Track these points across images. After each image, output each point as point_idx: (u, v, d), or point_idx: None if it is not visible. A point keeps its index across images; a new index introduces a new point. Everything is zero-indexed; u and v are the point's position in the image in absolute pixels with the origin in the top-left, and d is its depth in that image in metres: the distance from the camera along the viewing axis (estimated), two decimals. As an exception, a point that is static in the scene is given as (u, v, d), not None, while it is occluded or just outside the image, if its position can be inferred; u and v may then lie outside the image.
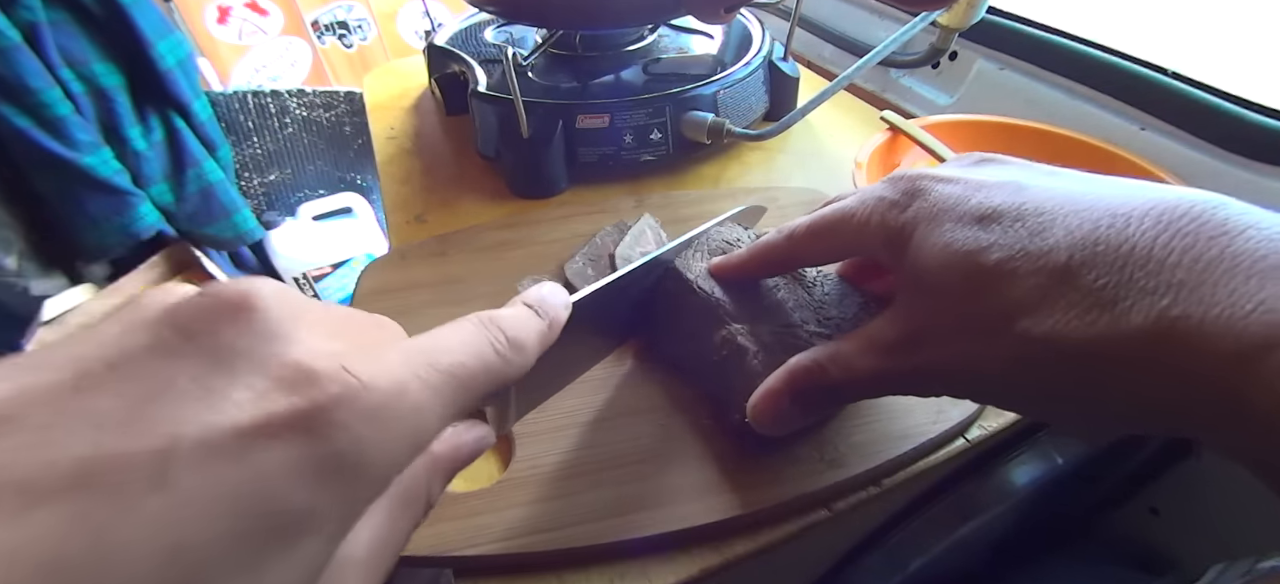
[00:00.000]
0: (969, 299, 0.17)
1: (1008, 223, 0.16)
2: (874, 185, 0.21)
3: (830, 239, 0.22)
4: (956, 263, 0.17)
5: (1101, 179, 0.17)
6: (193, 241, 0.99)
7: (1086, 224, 0.15)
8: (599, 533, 0.24)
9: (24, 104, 0.77)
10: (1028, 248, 0.16)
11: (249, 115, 1.07)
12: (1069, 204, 0.16)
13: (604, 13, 0.44)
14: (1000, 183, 0.18)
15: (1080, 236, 0.15)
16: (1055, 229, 0.16)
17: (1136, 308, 0.14)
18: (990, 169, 0.19)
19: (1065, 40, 0.46)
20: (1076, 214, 0.16)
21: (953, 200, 0.18)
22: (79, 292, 0.90)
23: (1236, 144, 0.37)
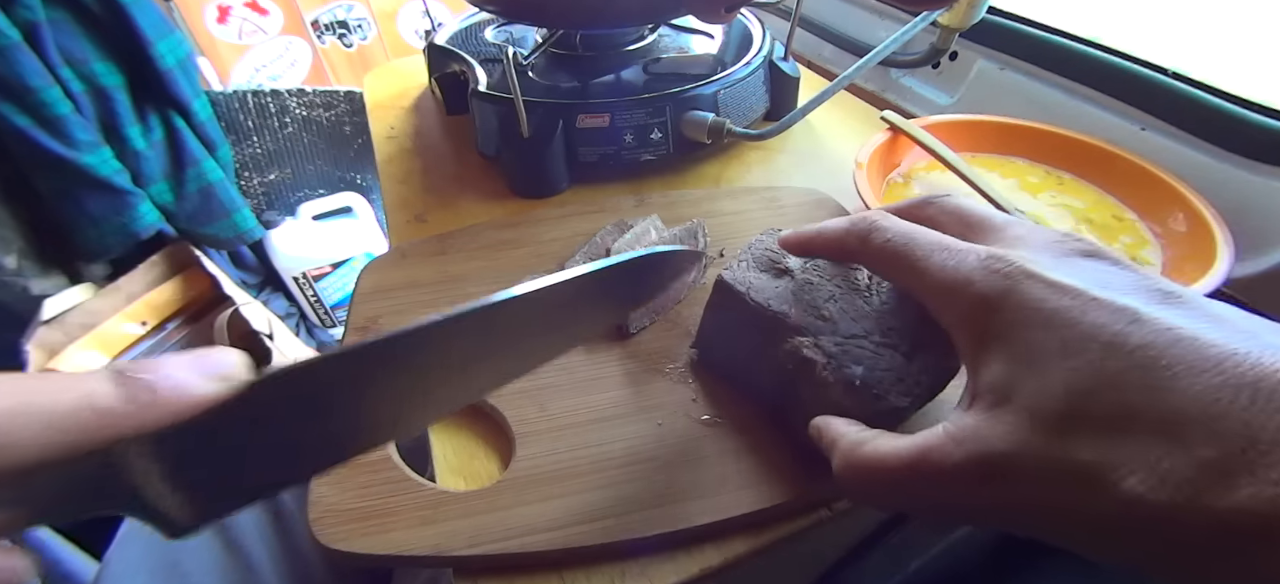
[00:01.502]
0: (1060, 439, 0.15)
1: (1117, 372, 0.14)
2: (968, 253, 0.18)
3: (902, 274, 0.20)
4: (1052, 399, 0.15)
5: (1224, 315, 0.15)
6: (192, 241, 0.99)
7: (1209, 386, 0.13)
8: (599, 533, 0.24)
9: (24, 103, 0.77)
10: (1144, 407, 0.14)
11: (249, 115, 1.07)
12: (1184, 360, 0.14)
13: (604, 12, 0.44)
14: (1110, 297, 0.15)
15: (1204, 406, 0.13)
16: (1173, 391, 0.14)
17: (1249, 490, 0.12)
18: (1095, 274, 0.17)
19: (1065, 40, 0.46)
20: (1195, 374, 0.14)
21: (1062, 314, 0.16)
22: (79, 291, 0.90)
23: (1236, 144, 0.37)
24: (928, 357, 0.24)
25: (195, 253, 0.98)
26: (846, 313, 0.25)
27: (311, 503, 0.25)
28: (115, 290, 0.91)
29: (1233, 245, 0.32)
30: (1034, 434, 0.15)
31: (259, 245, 1.13)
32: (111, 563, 0.35)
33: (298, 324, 1.19)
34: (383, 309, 0.34)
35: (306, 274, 1.15)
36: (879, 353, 0.25)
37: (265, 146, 1.11)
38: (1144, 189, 0.38)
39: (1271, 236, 0.36)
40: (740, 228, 0.39)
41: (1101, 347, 0.15)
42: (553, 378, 0.30)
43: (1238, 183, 0.37)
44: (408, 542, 0.24)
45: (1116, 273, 0.17)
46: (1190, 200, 0.35)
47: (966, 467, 0.16)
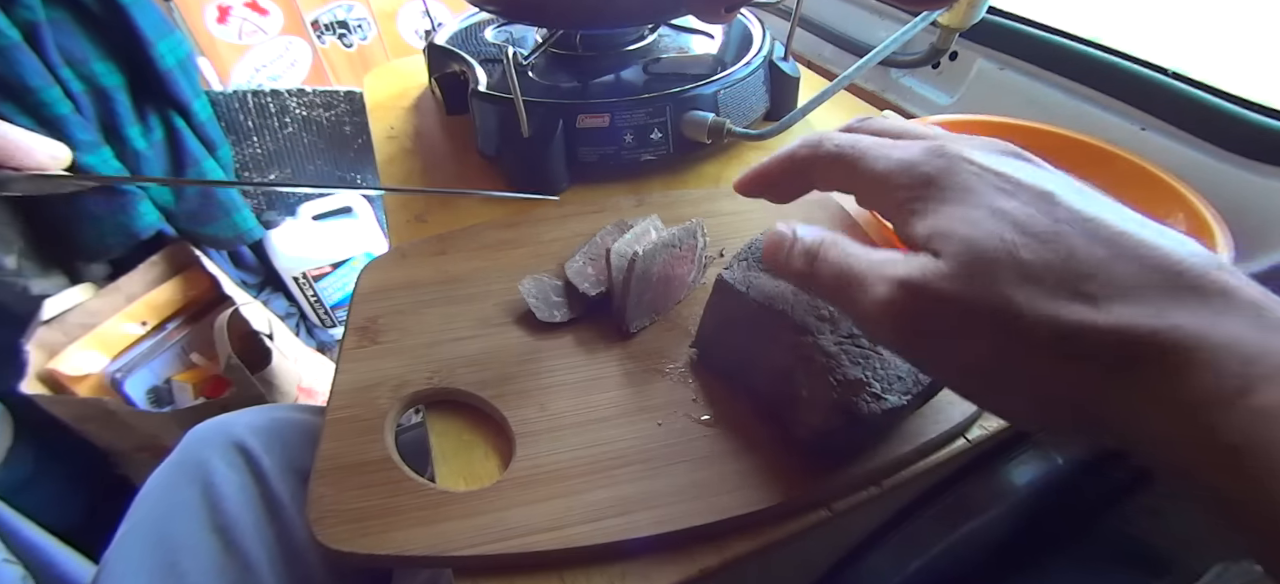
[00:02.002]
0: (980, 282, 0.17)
1: (1038, 223, 0.17)
2: (911, 145, 0.20)
3: (849, 175, 0.21)
4: (978, 248, 0.17)
5: (1125, 212, 0.18)
6: (192, 241, 0.99)
7: (1110, 239, 0.17)
8: (599, 533, 0.24)
9: (24, 103, 0.77)
10: (1049, 247, 0.17)
11: (249, 115, 1.07)
12: (1095, 221, 0.17)
13: (604, 12, 0.44)
14: (1030, 177, 0.19)
15: (1103, 249, 0.16)
16: (1075, 235, 0.17)
17: (1144, 312, 0.15)
18: (1021, 169, 0.19)
19: (1065, 40, 0.46)
20: (1102, 228, 0.17)
21: (985, 183, 0.18)
22: (79, 291, 0.89)
23: (1236, 144, 0.37)
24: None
25: (195, 253, 0.98)
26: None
27: (311, 503, 0.25)
28: (115, 290, 0.91)
29: (1233, 245, 0.32)
30: (964, 273, 0.18)
31: (259, 245, 1.13)
32: (109, 564, 0.35)
33: (298, 324, 1.19)
34: (383, 309, 0.34)
35: (306, 274, 1.15)
36: (878, 352, 0.25)
37: (265, 146, 1.11)
38: (1144, 189, 0.38)
39: (1271, 237, 0.36)
40: (740, 228, 0.39)
41: (1025, 215, 0.18)
42: (553, 378, 0.30)
43: (1238, 183, 0.37)
44: (408, 542, 0.24)
45: (1036, 169, 0.20)
46: (1190, 200, 0.35)
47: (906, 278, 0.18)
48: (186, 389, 0.93)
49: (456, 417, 0.30)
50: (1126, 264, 0.16)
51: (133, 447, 0.87)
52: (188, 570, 0.34)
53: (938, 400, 0.28)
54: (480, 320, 0.33)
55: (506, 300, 0.34)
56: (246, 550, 0.36)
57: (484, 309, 0.34)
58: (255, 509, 0.37)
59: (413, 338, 0.32)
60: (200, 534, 0.36)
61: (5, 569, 0.65)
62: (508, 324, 0.33)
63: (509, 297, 0.34)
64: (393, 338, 0.32)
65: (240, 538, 0.36)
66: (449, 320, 0.33)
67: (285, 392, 0.90)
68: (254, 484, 0.38)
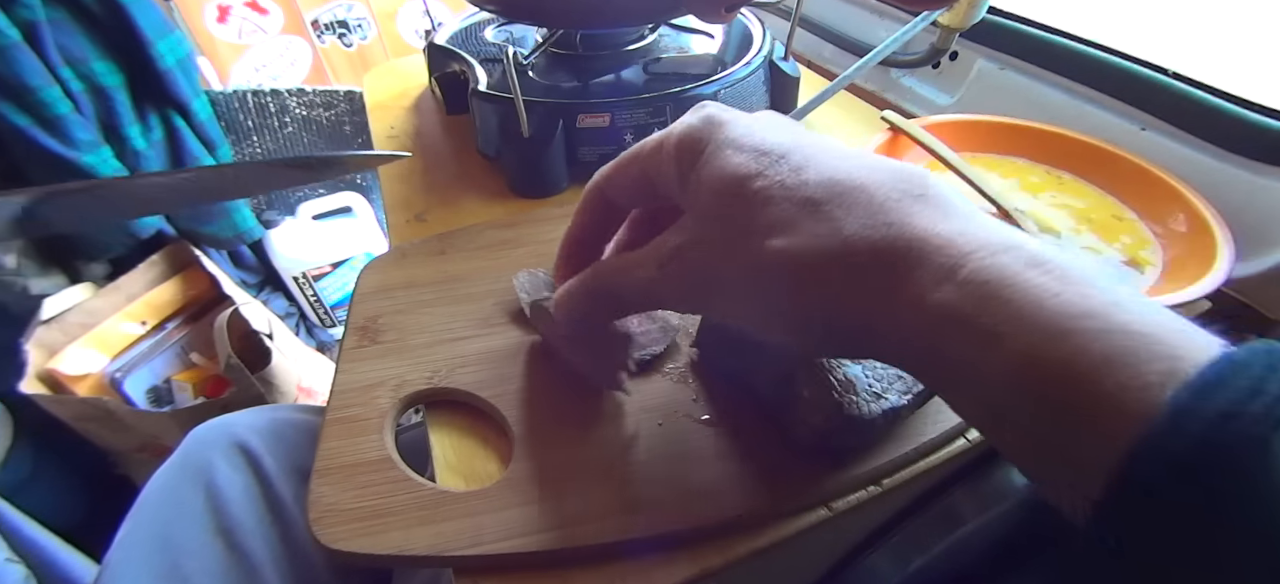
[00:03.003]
0: (732, 215, 0.19)
1: (775, 157, 0.19)
2: (672, 126, 0.22)
3: (632, 164, 0.23)
4: (728, 184, 0.19)
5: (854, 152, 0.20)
6: (192, 240, 0.99)
7: (836, 172, 0.18)
8: (599, 533, 0.24)
9: (23, 102, 0.77)
10: (786, 180, 0.18)
11: (249, 114, 1.07)
12: (825, 156, 0.19)
13: (604, 12, 0.44)
14: (777, 127, 0.20)
15: (828, 178, 0.18)
16: (809, 170, 0.18)
17: (860, 226, 0.17)
18: (774, 120, 0.22)
19: (1066, 40, 0.46)
20: (829, 163, 0.19)
21: (738, 134, 0.20)
22: (78, 290, 0.89)
23: (1236, 144, 0.37)
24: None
25: (195, 252, 0.98)
26: None
27: (311, 503, 0.25)
28: (115, 290, 0.91)
29: (1233, 245, 0.32)
30: (710, 216, 0.20)
31: (259, 245, 1.13)
32: (112, 565, 0.35)
33: (298, 324, 1.20)
34: (383, 309, 0.34)
35: (306, 274, 1.15)
36: None
37: (265, 146, 1.11)
38: (1144, 189, 0.38)
39: (1271, 236, 0.36)
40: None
41: (766, 144, 0.19)
42: (553, 378, 0.30)
43: (1238, 183, 0.37)
44: (408, 542, 0.24)
45: (794, 123, 0.22)
46: (1190, 200, 0.35)
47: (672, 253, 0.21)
48: (186, 389, 0.93)
49: (456, 417, 0.30)
50: (857, 179, 0.18)
51: (132, 446, 0.87)
52: (191, 571, 0.34)
53: (938, 400, 0.28)
54: (480, 320, 0.33)
55: (506, 300, 0.34)
56: (249, 551, 0.36)
57: (484, 309, 0.34)
58: (257, 509, 0.37)
59: (413, 338, 0.32)
60: (203, 535, 0.36)
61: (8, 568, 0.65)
62: (508, 324, 0.33)
63: (509, 296, 0.34)
64: (393, 338, 0.32)
65: (243, 538, 0.36)
66: (449, 320, 0.33)
67: (285, 392, 0.90)
68: (256, 484, 0.38)
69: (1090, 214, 0.38)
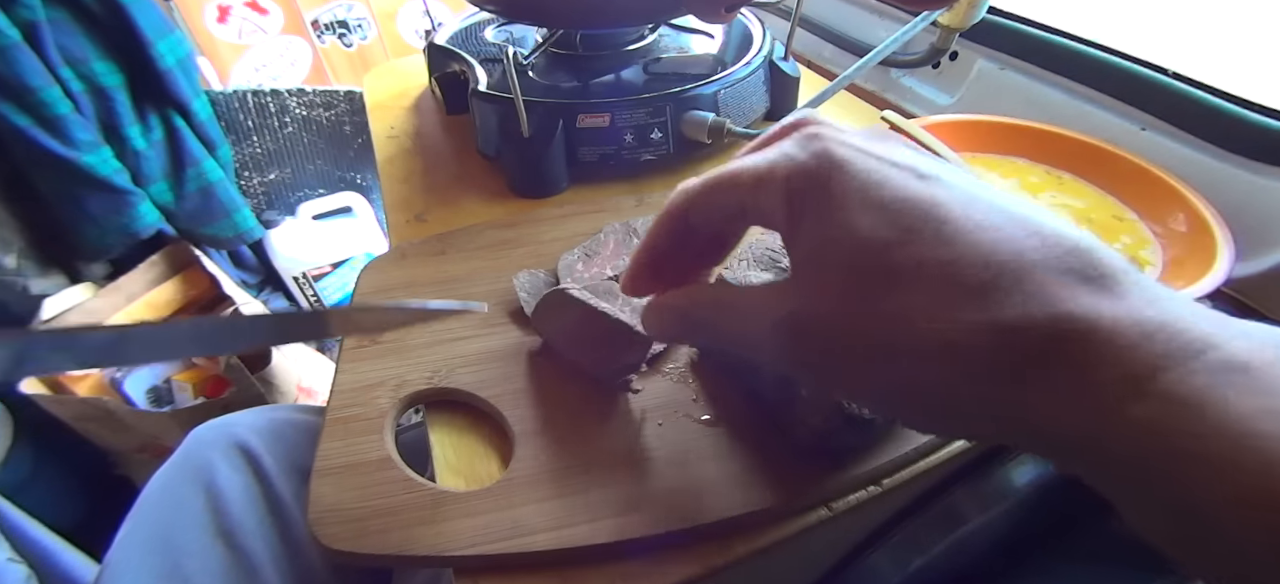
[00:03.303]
0: (862, 291, 0.16)
1: (914, 221, 0.16)
2: (780, 143, 0.19)
3: (727, 192, 0.20)
4: (858, 256, 0.16)
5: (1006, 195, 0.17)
6: (192, 241, 0.99)
7: (988, 242, 0.15)
8: (599, 533, 0.24)
9: (24, 103, 0.77)
10: (929, 255, 0.16)
11: (249, 114, 1.07)
12: (971, 215, 0.16)
13: (604, 12, 0.44)
14: (906, 170, 0.17)
15: (979, 250, 0.15)
16: (957, 240, 0.16)
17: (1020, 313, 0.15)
18: (899, 155, 0.18)
19: (1066, 40, 0.46)
20: (978, 230, 0.16)
21: (863, 182, 0.17)
22: (78, 291, 0.90)
23: (1236, 144, 0.37)
24: None
25: (195, 253, 0.98)
26: None
27: (311, 503, 0.25)
28: (115, 290, 0.91)
29: (1233, 245, 0.32)
30: (841, 287, 0.17)
31: (259, 245, 1.13)
32: (112, 565, 0.35)
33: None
34: (383, 309, 0.34)
35: (306, 274, 1.15)
36: None
37: (265, 146, 1.11)
38: (1144, 189, 0.38)
39: (1271, 236, 0.36)
40: (740, 228, 0.39)
41: (903, 202, 0.16)
42: (553, 377, 0.30)
43: (1238, 183, 0.37)
44: (408, 542, 0.24)
45: (907, 148, 0.19)
46: (1190, 200, 0.35)
47: (775, 326, 0.18)
48: (186, 389, 0.93)
49: (456, 417, 0.30)
50: (1011, 248, 0.15)
51: (132, 446, 0.87)
52: (191, 571, 0.34)
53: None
54: (480, 320, 0.33)
55: (507, 300, 0.34)
56: (249, 551, 0.36)
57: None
58: (258, 510, 0.37)
59: (413, 338, 0.32)
60: (203, 535, 0.36)
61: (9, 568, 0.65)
62: (508, 324, 0.33)
63: (509, 296, 0.34)
64: (393, 338, 0.32)
65: (243, 539, 0.36)
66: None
67: (285, 392, 0.91)
68: (256, 485, 0.38)
69: (1090, 214, 0.38)
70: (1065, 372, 0.14)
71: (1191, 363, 0.13)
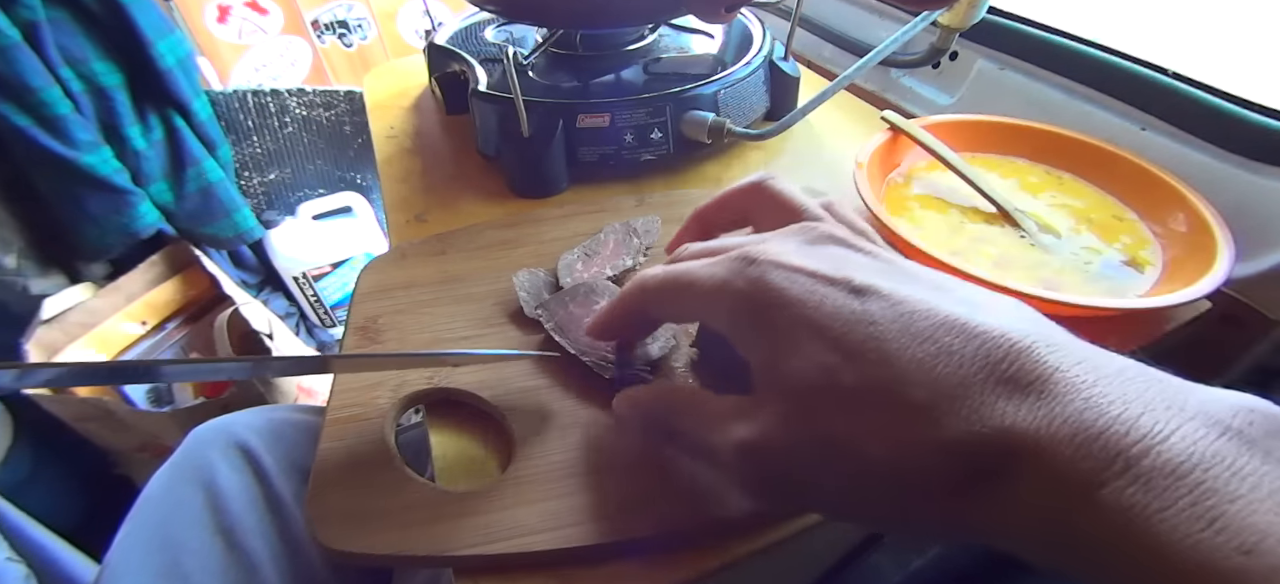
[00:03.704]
0: (814, 426, 0.17)
1: (855, 345, 0.16)
2: (721, 261, 0.20)
3: (679, 303, 0.21)
4: (805, 392, 0.17)
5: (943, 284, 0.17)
6: (192, 240, 0.99)
7: (922, 358, 0.16)
8: (599, 533, 0.24)
9: (24, 103, 0.77)
10: (872, 378, 0.16)
11: (249, 114, 1.07)
12: (907, 327, 0.16)
13: (604, 12, 0.44)
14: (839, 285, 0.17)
15: (915, 367, 0.15)
16: (893, 359, 0.16)
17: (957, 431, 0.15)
18: (832, 259, 0.19)
19: (1066, 40, 0.46)
20: (912, 345, 0.16)
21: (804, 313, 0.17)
22: (78, 290, 0.90)
23: (1236, 144, 0.37)
24: None
25: (195, 252, 0.98)
26: None
27: (311, 503, 0.25)
28: (115, 290, 0.91)
29: (1233, 245, 0.32)
30: (791, 417, 0.17)
31: (259, 245, 1.13)
32: (112, 565, 0.35)
33: (298, 324, 1.20)
34: (383, 309, 0.34)
35: (306, 274, 1.15)
36: None
37: (265, 146, 1.11)
38: (1144, 189, 0.38)
39: (1271, 236, 0.36)
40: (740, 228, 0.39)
41: (842, 324, 0.17)
42: (553, 378, 0.30)
43: (1238, 183, 0.37)
44: (408, 542, 0.24)
45: (851, 254, 0.19)
46: (1190, 200, 0.35)
47: (735, 449, 0.18)
48: (186, 389, 0.93)
49: (456, 417, 0.30)
50: (948, 363, 0.15)
51: (132, 446, 0.87)
52: (191, 571, 0.34)
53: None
54: (480, 320, 0.33)
55: (506, 300, 0.34)
56: (249, 551, 0.36)
57: (484, 309, 0.34)
58: (258, 509, 0.37)
59: (413, 338, 0.32)
60: (203, 535, 0.36)
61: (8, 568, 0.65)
62: (507, 324, 0.33)
63: (509, 297, 0.34)
64: (393, 338, 0.32)
65: (243, 538, 0.36)
66: (449, 320, 0.33)
67: (285, 392, 0.91)
68: (256, 484, 0.38)
69: (1090, 214, 0.38)
70: (1010, 486, 0.14)
71: (1126, 475, 0.13)
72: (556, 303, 0.32)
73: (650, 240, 0.36)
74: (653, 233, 0.37)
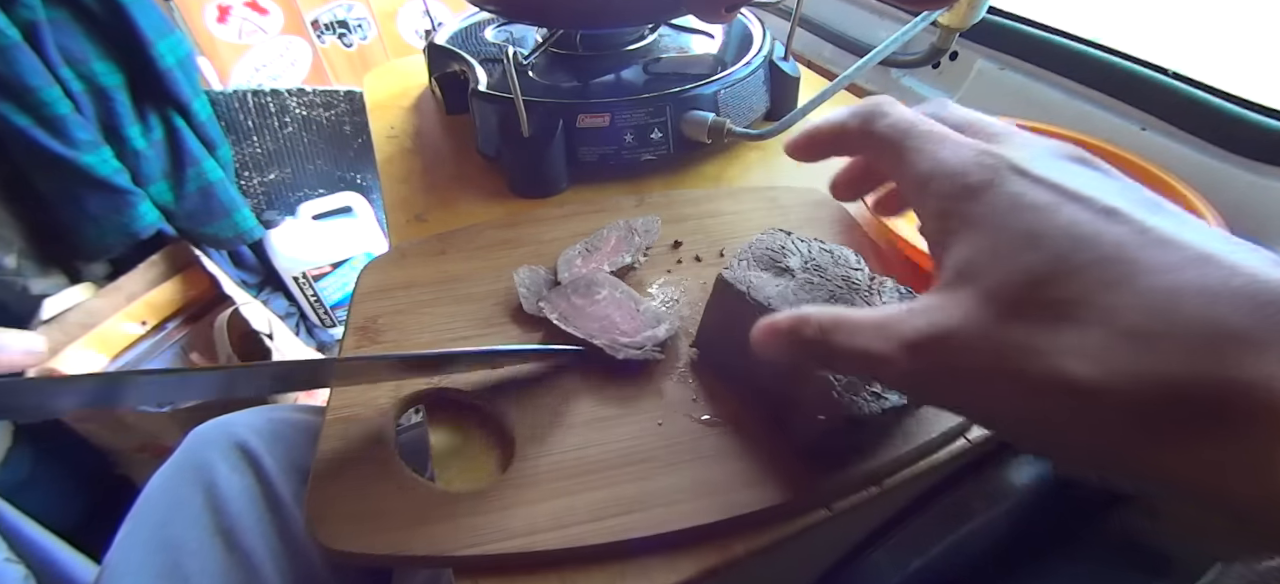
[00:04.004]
0: (1019, 322, 0.15)
1: (1084, 259, 0.15)
2: (962, 146, 0.18)
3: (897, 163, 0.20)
4: (1017, 286, 0.15)
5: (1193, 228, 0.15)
6: (192, 240, 0.99)
7: (1163, 294, 0.14)
8: (599, 533, 0.24)
9: (24, 103, 0.77)
10: (1096, 299, 0.14)
11: (249, 114, 1.07)
12: (1147, 260, 0.14)
13: (605, 12, 0.44)
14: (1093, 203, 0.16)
15: (1152, 303, 0.14)
16: (1126, 286, 0.14)
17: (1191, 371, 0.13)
18: (1081, 177, 0.17)
19: (1065, 40, 0.46)
20: (1154, 277, 0.14)
21: (1027, 215, 0.16)
22: (78, 290, 0.89)
23: (1236, 144, 0.37)
24: None
25: (195, 252, 0.98)
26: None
27: (311, 503, 0.25)
28: (115, 290, 0.91)
29: (1233, 245, 0.32)
30: (985, 313, 0.16)
31: (259, 245, 1.12)
32: (112, 565, 0.35)
33: (298, 324, 1.19)
34: (383, 309, 0.34)
35: (306, 274, 1.15)
36: None
37: (265, 146, 1.11)
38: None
39: (1272, 237, 0.36)
40: (740, 228, 0.39)
41: (1071, 239, 0.15)
42: (552, 377, 0.30)
43: (1238, 183, 0.37)
44: (408, 542, 0.24)
45: (1103, 179, 0.17)
46: (1190, 200, 0.35)
47: (914, 336, 0.17)
48: (186, 389, 0.93)
49: (456, 417, 0.30)
50: (1198, 301, 0.13)
51: (132, 447, 0.87)
52: (191, 571, 0.34)
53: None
54: (480, 320, 0.33)
55: (506, 300, 0.34)
56: (249, 551, 0.36)
57: (484, 309, 0.34)
58: (257, 509, 0.37)
59: (413, 338, 0.32)
60: (203, 535, 0.36)
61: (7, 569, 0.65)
62: (507, 324, 0.33)
63: (509, 296, 0.34)
64: (393, 338, 0.32)
65: (243, 538, 0.36)
66: (449, 320, 0.33)
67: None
68: (256, 484, 0.38)
69: (1090, 214, 0.38)
70: (1238, 442, 0.13)
71: None
72: (558, 295, 0.32)
73: (650, 239, 0.36)
74: (653, 232, 0.37)
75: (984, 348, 0.16)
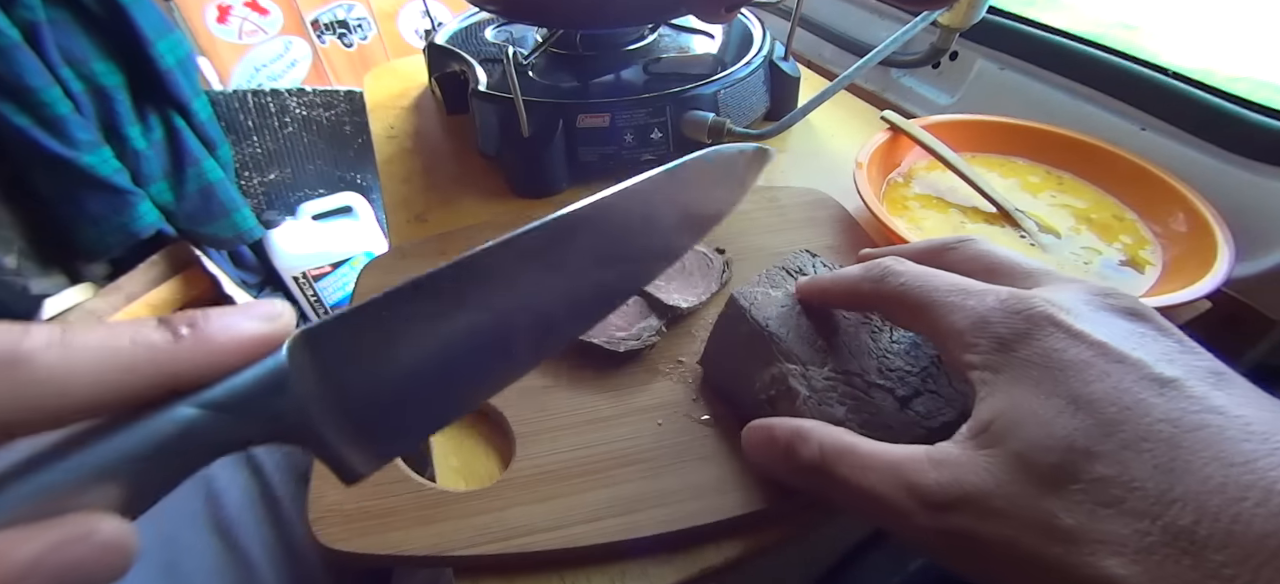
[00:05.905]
0: (1046, 495, 0.14)
1: (1130, 438, 0.13)
2: (987, 294, 0.17)
3: (917, 319, 0.19)
4: (1044, 461, 0.14)
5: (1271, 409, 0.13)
6: (192, 241, 0.99)
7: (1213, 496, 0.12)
8: (599, 533, 0.24)
9: (23, 103, 0.77)
10: (1140, 484, 0.13)
11: (249, 114, 1.07)
12: (1206, 446, 0.13)
13: (605, 12, 0.44)
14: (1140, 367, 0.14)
15: (1202, 503, 0.12)
16: (1185, 477, 0.12)
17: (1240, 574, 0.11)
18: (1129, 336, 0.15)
19: (1065, 40, 0.46)
20: (1225, 466, 0.12)
21: (1068, 377, 0.14)
22: (78, 291, 0.90)
23: (1236, 144, 0.37)
24: (927, 404, 0.23)
25: (195, 252, 0.98)
26: (847, 345, 0.24)
27: (311, 503, 0.25)
28: (115, 290, 0.91)
29: (1233, 245, 0.32)
30: (1016, 482, 0.14)
31: (259, 245, 1.12)
32: (111, 564, 0.35)
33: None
34: (383, 309, 0.34)
35: (306, 274, 1.15)
36: (869, 394, 0.23)
37: (265, 146, 1.11)
38: (1144, 189, 0.38)
39: (1271, 236, 0.36)
40: (740, 228, 0.39)
41: (1118, 409, 0.13)
42: (553, 378, 0.30)
43: (1238, 183, 0.37)
44: (408, 542, 0.24)
45: (1156, 338, 0.15)
46: (1190, 200, 0.35)
47: (935, 492, 0.15)
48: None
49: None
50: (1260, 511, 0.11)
51: (133, 446, 0.87)
52: (189, 570, 0.34)
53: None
54: (480, 320, 0.33)
55: (506, 300, 0.34)
56: (247, 550, 0.36)
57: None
58: (256, 509, 0.37)
59: (413, 338, 0.32)
60: (201, 534, 0.36)
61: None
62: (508, 324, 0.33)
63: (509, 296, 0.34)
64: (393, 338, 0.32)
65: (241, 537, 0.36)
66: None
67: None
68: (254, 484, 0.38)
69: (1090, 214, 0.38)
70: None
71: None
72: None
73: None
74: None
75: (1013, 521, 0.14)
